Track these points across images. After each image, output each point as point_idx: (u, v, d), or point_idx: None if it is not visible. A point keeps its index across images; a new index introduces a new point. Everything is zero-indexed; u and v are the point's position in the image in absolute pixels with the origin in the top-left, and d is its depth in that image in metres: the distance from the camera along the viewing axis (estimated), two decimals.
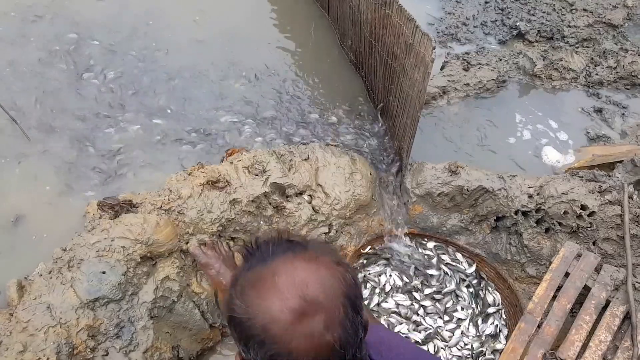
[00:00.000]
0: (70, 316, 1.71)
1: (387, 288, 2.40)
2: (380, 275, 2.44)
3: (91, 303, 1.76)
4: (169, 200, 2.07)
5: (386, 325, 2.26)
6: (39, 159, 2.30)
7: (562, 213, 2.36)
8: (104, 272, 1.80)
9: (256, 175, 2.25)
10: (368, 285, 2.42)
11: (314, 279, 0.76)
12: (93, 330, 1.74)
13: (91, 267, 1.80)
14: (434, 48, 1.95)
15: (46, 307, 1.71)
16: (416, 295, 2.40)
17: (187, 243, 2.06)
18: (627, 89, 3.40)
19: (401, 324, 2.32)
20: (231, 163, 2.31)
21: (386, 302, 2.37)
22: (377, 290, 2.40)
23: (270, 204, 2.26)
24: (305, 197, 2.33)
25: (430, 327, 2.31)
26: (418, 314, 2.35)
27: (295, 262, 0.78)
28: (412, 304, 2.37)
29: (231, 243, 2.24)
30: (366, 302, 2.34)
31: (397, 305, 2.36)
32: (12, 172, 2.23)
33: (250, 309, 0.75)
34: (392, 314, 2.34)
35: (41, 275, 1.83)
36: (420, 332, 2.30)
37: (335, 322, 0.74)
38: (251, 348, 0.74)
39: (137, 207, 2.04)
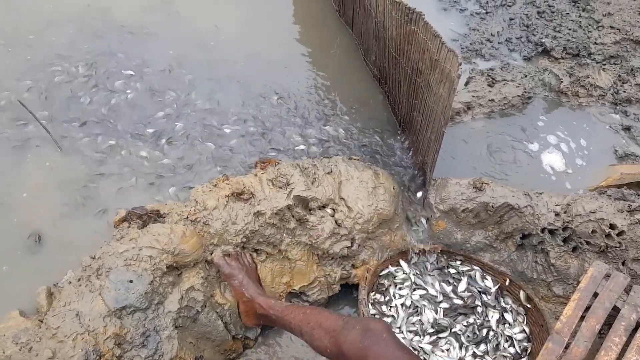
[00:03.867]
0: (98, 324, 1.74)
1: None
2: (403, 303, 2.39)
3: (118, 311, 1.78)
4: (195, 211, 2.10)
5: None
6: (68, 168, 2.36)
7: (590, 232, 2.31)
8: (131, 281, 1.82)
9: (280, 188, 2.27)
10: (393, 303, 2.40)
11: None
12: (119, 339, 1.76)
13: (119, 276, 1.83)
14: (460, 64, 1.95)
15: (75, 314, 1.74)
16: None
17: (211, 254, 2.09)
18: None
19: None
20: (255, 175, 2.34)
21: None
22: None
23: (293, 216, 2.28)
24: (328, 210, 2.33)
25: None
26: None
27: None
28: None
29: (254, 254, 2.26)
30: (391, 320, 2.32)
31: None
32: (42, 180, 2.29)
33: None
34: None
35: (70, 282, 1.87)
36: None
37: None
38: None
39: (164, 217, 2.08)
